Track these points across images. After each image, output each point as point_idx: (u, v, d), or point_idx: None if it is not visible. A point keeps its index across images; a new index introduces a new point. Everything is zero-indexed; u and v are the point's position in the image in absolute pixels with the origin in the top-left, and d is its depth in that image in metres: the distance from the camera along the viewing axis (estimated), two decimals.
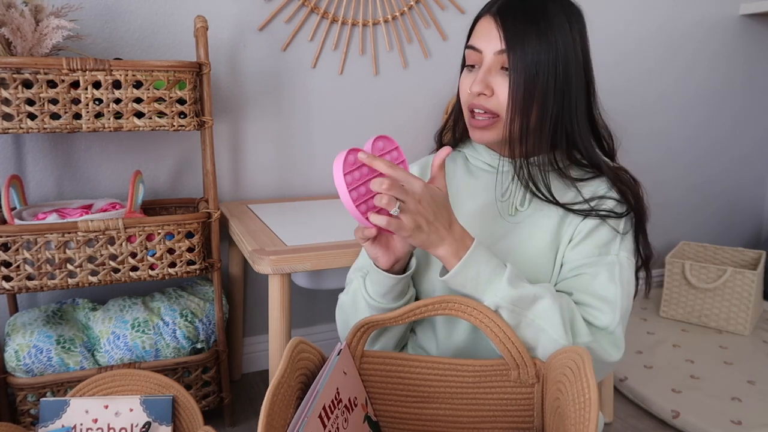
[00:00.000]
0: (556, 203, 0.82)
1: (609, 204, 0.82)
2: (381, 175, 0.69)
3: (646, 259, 0.86)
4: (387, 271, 0.79)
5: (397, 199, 0.67)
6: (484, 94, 0.81)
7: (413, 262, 0.82)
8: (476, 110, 0.82)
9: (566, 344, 0.72)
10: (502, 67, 0.80)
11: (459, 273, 0.72)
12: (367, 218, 0.70)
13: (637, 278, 0.86)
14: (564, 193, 0.84)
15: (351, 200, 0.68)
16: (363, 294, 0.83)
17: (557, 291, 0.81)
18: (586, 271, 0.80)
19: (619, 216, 0.82)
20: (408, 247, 0.78)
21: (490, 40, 0.80)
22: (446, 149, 0.76)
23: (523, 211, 0.86)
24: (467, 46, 0.84)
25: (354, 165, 0.70)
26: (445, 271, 0.75)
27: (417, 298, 0.92)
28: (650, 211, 0.86)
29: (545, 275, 0.83)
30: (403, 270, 0.81)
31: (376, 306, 0.82)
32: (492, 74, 0.80)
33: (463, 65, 0.87)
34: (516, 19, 0.78)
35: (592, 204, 0.82)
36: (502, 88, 0.80)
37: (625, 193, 0.83)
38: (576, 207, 0.82)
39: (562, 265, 0.84)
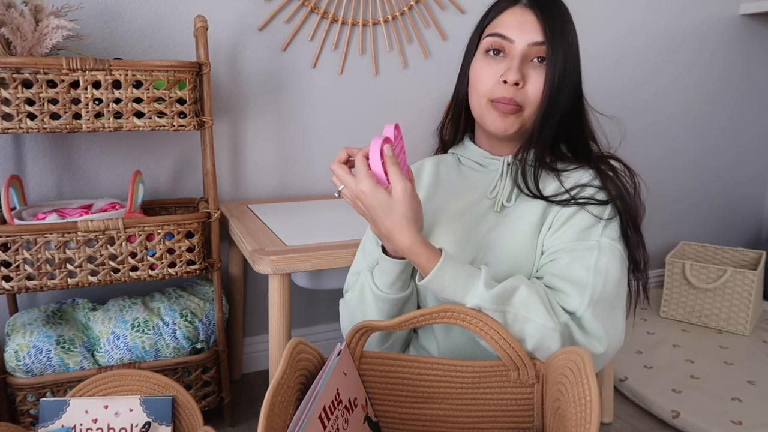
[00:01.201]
0: (541, 197, 0.83)
1: (589, 191, 0.82)
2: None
3: (644, 264, 0.84)
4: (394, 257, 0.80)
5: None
6: (517, 84, 0.80)
7: None
8: (501, 101, 0.82)
9: (554, 326, 0.72)
10: (535, 58, 0.80)
11: (434, 279, 0.74)
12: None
13: (637, 279, 0.86)
14: (548, 184, 0.85)
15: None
16: (371, 286, 0.84)
17: (534, 277, 0.81)
18: (561, 256, 0.79)
19: (600, 203, 0.81)
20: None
21: (526, 31, 0.79)
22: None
23: (509, 206, 0.87)
24: (493, 34, 0.83)
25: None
26: (421, 277, 0.76)
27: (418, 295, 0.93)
28: (644, 209, 0.84)
29: (528, 264, 0.83)
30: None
31: (383, 297, 0.82)
32: (525, 64, 0.80)
33: (472, 53, 0.87)
34: (552, 13, 0.79)
35: (573, 193, 0.82)
36: (533, 80, 0.80)
37: (607, 182, 0.82)
38: (557, 198, 0.82)
39: (542, 252, 0.83)
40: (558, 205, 0.82)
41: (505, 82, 0.81)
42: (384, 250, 0.82)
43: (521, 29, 0.80)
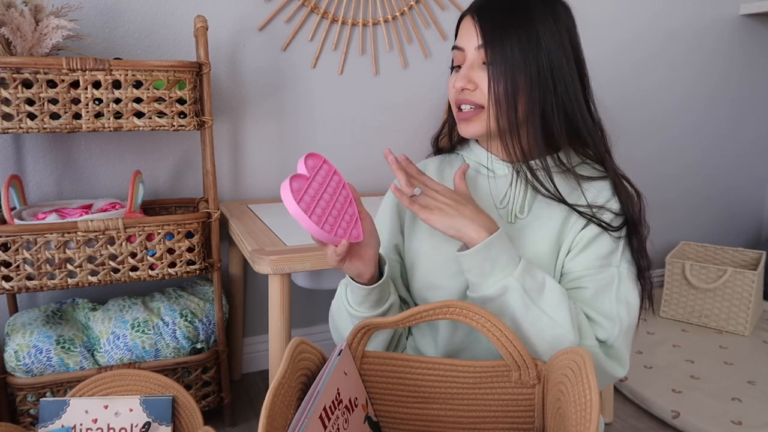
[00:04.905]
0: (562, 200, 0.82)
1: (607, 216, 0.82)
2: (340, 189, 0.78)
3: (647, 269, 0.85)
4: (362, 281, 0.80)
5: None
6: (468, 89, 0.83)
7: (386, 270, 0.82)
8: (462, 106, 0.84)
9: (574, 339, 0.73)
10: (483, 62, 0.82)
11: (483, 249, 0.75)
12: (335, 234, 0.71)
13: (642, 287, 0.86)
14: (568, 193, 0.83)
15: (314, 224, 0.70)
16: (344, 303, 0.85)
17: None
18: (586, 284, 0.80)
19: (615, 229, 0.82)
20: (374, 253, 0.79)
21: (470, 38, 0.82)
22: (465, 165, 0.85)
23: (522, 218, 0.85)
24: (453, 47, 0.87)
25: (301, 190, 0.72)
26: (465, 248, 0.77)
27: (416, 303, 0.92)
28: (648, 230, 0.86)
29: None
30: (377, 279, 0.81)
31: (355, 315, 0.83)
32: (474, 69, 0.82)
33: (453, 68, 0.89)
34: (493, 15, 0.81)
35: (593, 211, 0.82)
36: (484, 81, 0.81)
37: (626, 202, 0.83)
38: (579, 209, 0.82)
39: (562, 274, 0.83)
40: (579, 216, 0.82)
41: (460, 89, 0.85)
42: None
43: (468, 36, 0.83)
